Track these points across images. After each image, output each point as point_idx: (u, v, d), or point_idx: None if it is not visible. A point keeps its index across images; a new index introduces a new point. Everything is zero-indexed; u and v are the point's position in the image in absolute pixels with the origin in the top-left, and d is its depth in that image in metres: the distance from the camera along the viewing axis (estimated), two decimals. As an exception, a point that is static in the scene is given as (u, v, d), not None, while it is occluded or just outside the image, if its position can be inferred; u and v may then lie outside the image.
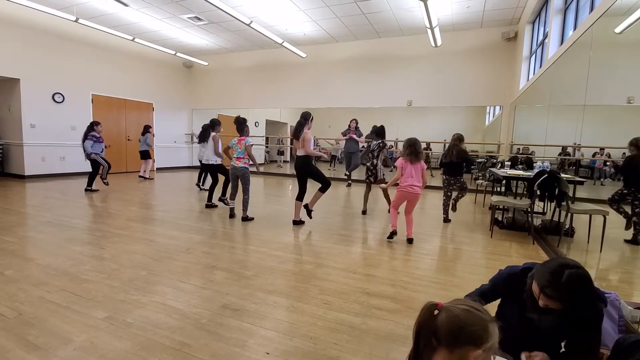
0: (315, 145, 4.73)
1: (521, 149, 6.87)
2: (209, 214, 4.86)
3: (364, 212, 5.16)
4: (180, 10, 7.32)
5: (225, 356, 1.64)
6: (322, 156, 4.92)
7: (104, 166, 6.42)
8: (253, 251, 3.28)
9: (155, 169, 10.45)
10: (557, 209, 3.98)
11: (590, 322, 1.21)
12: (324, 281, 2.58)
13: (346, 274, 2.74)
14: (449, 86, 8.41)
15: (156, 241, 3.47)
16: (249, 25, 7.19)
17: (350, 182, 8.62)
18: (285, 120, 13.64)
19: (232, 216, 4.55)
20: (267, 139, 13.60)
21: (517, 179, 4.80)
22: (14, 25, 7.26)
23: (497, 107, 8.79)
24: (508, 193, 5.15)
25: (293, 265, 2.92)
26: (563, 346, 1.28)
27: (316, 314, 2.08)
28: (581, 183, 3.77)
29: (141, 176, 8.44)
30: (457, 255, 3.41)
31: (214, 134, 5.26)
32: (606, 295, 1.37)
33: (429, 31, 6.60)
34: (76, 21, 7.17)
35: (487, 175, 6.77)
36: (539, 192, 3.74)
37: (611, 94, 3.39)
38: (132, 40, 8.56)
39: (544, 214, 4.77)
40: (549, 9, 5.53)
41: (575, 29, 4.34)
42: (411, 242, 3.66)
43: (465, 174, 6.12)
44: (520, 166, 5.63)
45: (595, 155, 4.12)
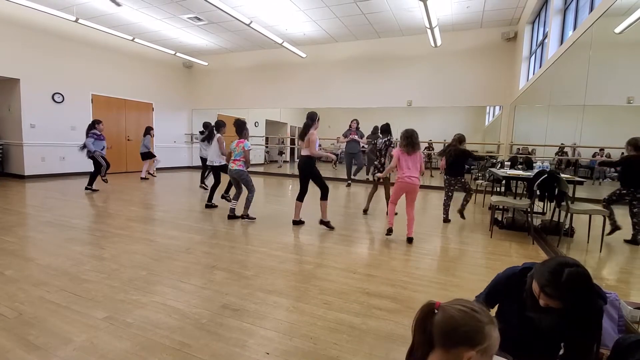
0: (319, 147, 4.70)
1: (521, 149, 6.87)
2: (209, 214, 4.86)
3: (365, 211, 5.16)
4: (180, 10, 7.32)
5: (225, 356, 1.64)
6: (329, 156, 4.91)
7: (103, 165, 6.52)
8: (253, 251, 3.28)
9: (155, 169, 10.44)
10: (557, 209, 3.98)
11: (590, 319, 1.21)
12: (324, 281, 2.58)
13: (346, 274, 2.74)
14: (448, 86, 8.41)
15: (156, 241, 3.47)
16: (248, 25, 7.19)
17: (350, 182, 8.61)
18: (285, 120, 13.64)
19: (230, 217, 4.55)
20: (267, 139, 13.60)
21: (517, 179, 4.80)
22: (13, 25, 7.26)
23: (497, 107, 8.79)
24: (508, 193, 5.15)
25: (293, 265, 2.92)
26: (562, 347, 1.27)
27: (316, 314, 2.08)
28: (581, 183, 3.77)
29: (143, 177, 8.43)
30: (457, 255, 3.41)
31: (218, 135, 5.27)
32: (606, 295, 1.37)
33: (428, 31, 6.60)
34: (76, 21, 7.17)
35: (487, 175, 6.77)
36: (538, 192, 3.75)
37: (611, 94, 3.39)
38: (132, 41, 8.56)
39: (543, 214, 4.77)
40: (548, 9, 5.53)
41: (575, 29, 4.34)
42: (411, 242, 3.66)
43: (467, 174, 6.10)
44: (520, 166, 5.63)
45: (595, 155, 4.13)
